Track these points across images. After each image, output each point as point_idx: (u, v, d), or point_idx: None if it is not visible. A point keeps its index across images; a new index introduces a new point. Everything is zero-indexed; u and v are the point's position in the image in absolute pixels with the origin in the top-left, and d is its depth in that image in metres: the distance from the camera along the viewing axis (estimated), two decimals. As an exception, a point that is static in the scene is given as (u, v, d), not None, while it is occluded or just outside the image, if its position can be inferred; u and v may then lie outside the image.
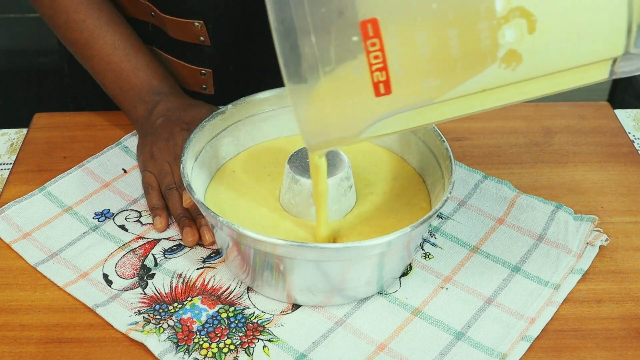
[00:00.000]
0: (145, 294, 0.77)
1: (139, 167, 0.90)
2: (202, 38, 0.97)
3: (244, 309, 0.75)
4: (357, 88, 0.61)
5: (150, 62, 0.95)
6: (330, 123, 0.64)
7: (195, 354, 0.71)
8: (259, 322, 0.74)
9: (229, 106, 0.83)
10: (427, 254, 0.81)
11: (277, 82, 0.68)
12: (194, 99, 0.95)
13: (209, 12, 0.95)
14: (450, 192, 0.73)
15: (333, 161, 0.77)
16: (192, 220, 0.82)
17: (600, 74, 0.64)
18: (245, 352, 0.71)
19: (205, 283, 0.78)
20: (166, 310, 0.75)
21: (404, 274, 0.79)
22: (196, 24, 0.95)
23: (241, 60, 1.02)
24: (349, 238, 0.76)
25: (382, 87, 0.60)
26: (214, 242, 0.81)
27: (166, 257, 0.80)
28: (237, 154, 0.86)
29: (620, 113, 1.04)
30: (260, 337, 0.73)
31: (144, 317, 0.74)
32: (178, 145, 0.86)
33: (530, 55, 0.60)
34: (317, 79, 0.60)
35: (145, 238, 0.83)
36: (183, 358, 0.70)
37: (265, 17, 0.58)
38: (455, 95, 0.62)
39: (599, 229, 0.83)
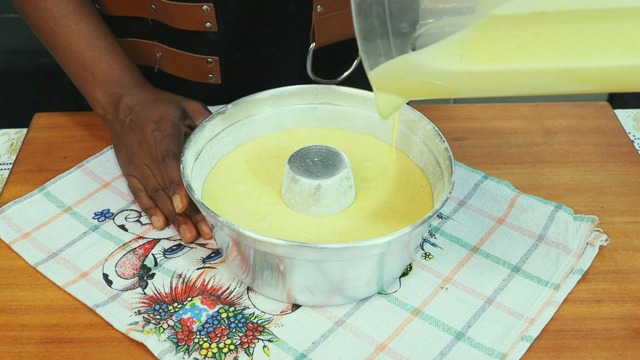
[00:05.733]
0: (145, 294, 0.77)
1: (121, 170, 0.90)
2: (208, 24, 0.94)
3: (244, 309, 0.75)
4: None
5: (114, 53, 0.93)
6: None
7: (195, 354, 0.71)
8: (259, 322, 0.74)
9: (229, 106, 0.83)
10: (427, 254, 0.81)
11: (283, 71, 0.67)
12: (160, 90, 0.92)
13: None
14: (450, 192, 0.73)
15: (333, 161, 0.77)
16: (186, 216, 0.82)
17: None
18: (245, 352, 0.71)
19: (205, 283, 0.78)
20: (166, 310, 0.75)
21: (404, 274, 0.78)
22: (205, 7, 0.93)
23: (248, 48, 1.00)
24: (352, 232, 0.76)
25: None
26: (212, 236, 0.81)
27: (166, 257, 0.80)
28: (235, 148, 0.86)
29: (620, 113, 1.04)
30: (260, 337, 0.73)
31: (144, 317, 0.74)
32: (152, 147, 0.85)
33: None
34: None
35: (145, 238, 0.83)
36: (183, 358, 0.70)
37: (273, 4, 0.56)
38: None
39: (599, 229, 0.83)
